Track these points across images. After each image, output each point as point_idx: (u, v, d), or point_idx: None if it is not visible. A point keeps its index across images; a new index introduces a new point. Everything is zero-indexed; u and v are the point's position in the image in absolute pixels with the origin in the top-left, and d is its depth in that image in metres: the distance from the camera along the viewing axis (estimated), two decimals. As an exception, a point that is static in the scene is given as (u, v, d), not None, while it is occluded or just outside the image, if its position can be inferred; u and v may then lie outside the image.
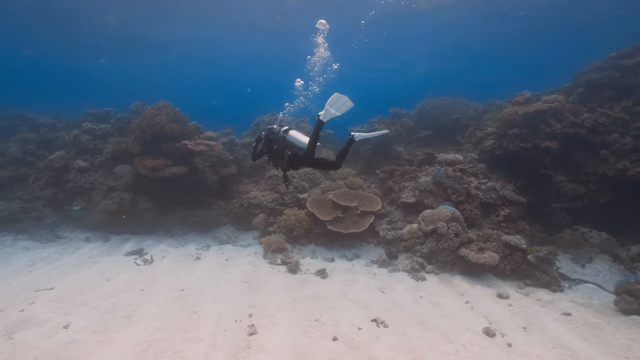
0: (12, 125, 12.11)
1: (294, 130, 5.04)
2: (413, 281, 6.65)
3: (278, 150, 5.02)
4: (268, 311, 4.98)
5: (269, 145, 5.12)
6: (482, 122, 12.15)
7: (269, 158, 5.28)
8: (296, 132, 5.03)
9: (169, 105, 9.92)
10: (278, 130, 5.05)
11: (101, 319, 4.52)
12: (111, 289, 5.64)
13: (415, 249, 7.60)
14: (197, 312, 4.89)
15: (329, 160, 5.04)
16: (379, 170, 11.28)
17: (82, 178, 9.39)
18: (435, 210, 7.73)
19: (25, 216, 9.19)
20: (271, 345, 4.01)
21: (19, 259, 7.15)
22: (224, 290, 5.72)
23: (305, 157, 4.83)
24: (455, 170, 9.09)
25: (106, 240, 8.69)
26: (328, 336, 4.33)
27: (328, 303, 5.38)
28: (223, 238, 9.10)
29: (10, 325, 4.27)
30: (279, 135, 5.02)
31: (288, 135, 4.94)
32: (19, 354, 3.67)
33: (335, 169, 6.05)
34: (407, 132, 12.86)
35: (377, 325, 4.72)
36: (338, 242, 8.53)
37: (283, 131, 5.00)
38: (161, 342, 3.99)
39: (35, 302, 5.02)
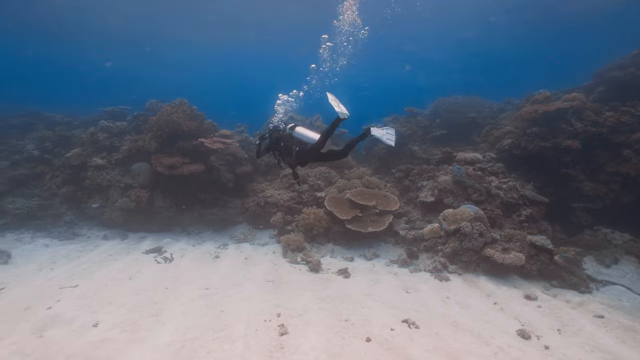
0: (29, 123, 12.13)
1: (300, 127, 5.07)
2: (437, 281, 6.54)
3: (285, 147, 5.04)
4: (296, 311, 4.91)
5: (275, 143, 5.13)
6: (499, 121, 12.00)
7: (275, 155, 5.28)
8: (303, 129, 5.05)
9: (185, 102, 9.88)
10: (283, 128, 5.09)
11: (130, 317, 4.47)
12: (135, 287, 5.60)
13: (437, 248, 7.49)
14: (224, 311, 4.83)
15: (337, 150, 5.01)
16: (395, 170, 11.18)
17: (100, 176, 9.37)
18: (457, 210, 7.61)
19: (43, 213, 9.20)
20: (306, 346, 3.93)
21: (39, 256, 7.14)
22: (248, 290, 5.65)
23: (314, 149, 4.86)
24: (475, 169, 8.97)
25: (124, 238, 8.67)
26: (361, 337, 4.25)
27: (355, 303, 5.29)
28: (240, 236, 9.05)
29: (39, 323, 4.24)
30: (284, 132, 5.06)
31: (295, 132, 4.98)
32: (52, 353, 3.62)
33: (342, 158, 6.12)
34: (422, 131, 12.74)
35: (409, 326, 4.62)
36: (356, 242, 8.45)
37: (289, 128, 5.04)
38: (194, 342, 3.93)
39: (62, 299, 4.99)
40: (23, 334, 3.95)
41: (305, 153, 4.98)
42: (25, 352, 3.60)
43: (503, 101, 13.11)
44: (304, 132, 4.98)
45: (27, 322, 4.27)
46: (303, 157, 5.04)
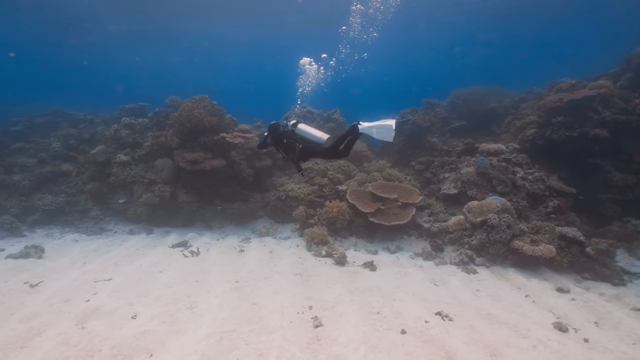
0: (53, 121, 12.38)
1: (303, 124, 5.15)
2: (464, 274, 6.48)
3: (288, 143, 5.12)
4: (328, 303, 4.92)
5: (278, 139, 5.21)
6: (520, 110, 11.75)
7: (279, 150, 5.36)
8: (306, 126, 5.14)
9: (205, 98, 9.94)
10: (285, 125, 5.19)
11: (166, 310, 4.55)
12: (167, 280, 5.69)
13: (463, 241, 7.41)
14: (256, 303, 4.87)
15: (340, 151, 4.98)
16: (415, 162, 11.09)
17: (124, 172, 9.53)
18: (483, 202, 7.51)
19: (70, 209, 9.42)
20: (343, 338, 3.94)
21: (70, 251, 7.31)
22: (278, 283, 5.69)
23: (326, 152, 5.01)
24: (499, 160, 8.83)
25: (149, 233, 8.82)
26: (395, 329, 4.24)
27: (385, 296, 5.28)
28: (262, 230, 9.11)
29: (80, 315, 4.34)
30: (287, 129, 5.16)
31: (297, 129, 5.06)
32: (96, 344, 3.70)
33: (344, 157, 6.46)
34: (441, 122, 12.58)
35: (442, 318, 4.60)
36: (379, 234, 8.43)
37: (292, 125, 5.12)
38: (231, 334, 3.98)
39: (98, 292, 5.10)
40: (67, 326, 4.05)
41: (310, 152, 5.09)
42: (71, 342, 3.69)
43: (525, 91, 12.82)
44: (307, 130, 5.06)
45: (69, 314, 4.39)
46: (307, 155, 5.16)
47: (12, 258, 6.49)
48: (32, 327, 4.02)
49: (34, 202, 9.24)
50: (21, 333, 3.87)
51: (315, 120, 12.98)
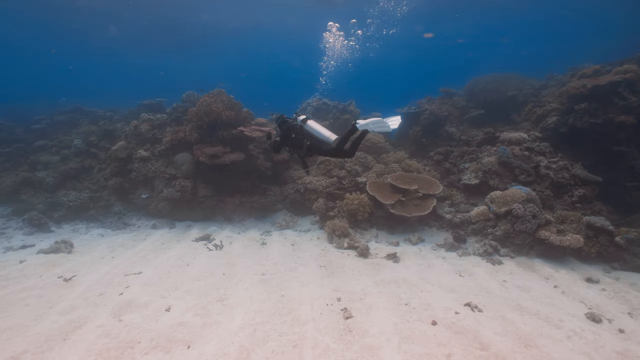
0: (73, 118, 12.61)
1: (312, 121, 5.17)
2: (489, 265, 6.43)
3: (296, 139, 5.16)
4: (356, 295, 4.95)
5: (286, 134, 5.25)
6: (541, 98, 11.49)
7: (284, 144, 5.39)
8: (315, 123, 5.17)
9: (222, 92, 9.97)
10: (294, 119, 5.23)
11: (198, 302, 4.63)
12: (195, 273, 5.79)
13: (487, 231, 7.35)
14: (285, 295, 4.93)
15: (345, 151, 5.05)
16: (433, 152, 10.98)
17: (145, 167, 9.66)
18: (507, 192, 7.41)
19: (94, 205, 9.61)
20: (375, 329, 3.96)
21: (97, 246, 7.47)
22: (304, 275, 5.74)
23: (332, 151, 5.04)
24: (521, 149, 8.68)
25: (172, 227, 8.96)
26: (425, 320, 4.25)
27: (412, 287, 5.28)
28: (282, 223, 9.16)
29: (116, 308, 4.45)
30: (295, 124, 5.20)
31: (306, 125, 5.10)
32: (135, 335, 3.80)
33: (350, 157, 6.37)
34: (458, 112, 12.40)
35: (472, 309, 4.58)
36: (399, 226, 8.40)
37: (301, 121, 5.14)
38: (264, 325, 4.04)
39: (130, 286, 5.22)
40: (105, 318, 4.16)
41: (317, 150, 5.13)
42: (112, 334, 3.80)
43: (545, 77, 12.53)
44: (316, 128, 5.10)
45: (105, 307, 4.50)
46: (314, 153, 5.20)
47: (44, 253, 6.67)
48: (72, 319, 4.14)
49: (60, 199, 9.45)
50: (62, 325, 3.99)
51: (331, 112, 12.92)
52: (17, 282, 5.31)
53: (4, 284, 5.27)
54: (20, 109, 15.18)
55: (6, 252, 7.01)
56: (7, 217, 9.43)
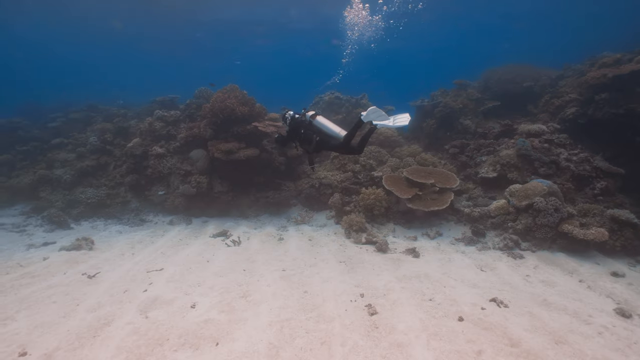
0: (88, 116, 12.71)
1: (321, 117, 5.23)
2: (511, 259, 6.35)
3: (305, 134, 5.20)
4: (379, 291, 4.92)
5: (295, 130, 5.29)
6: (559, 88, 11.25)
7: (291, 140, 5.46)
8: (324, 119, 5.23)
9: (236, 88, 9.95)
10: (302, 114, 5.28)
11: (222, 299, 4.65)
12: (216, 269, 5.81)
13: (507, 225, 7.24)
14: (307, 292, 4.92)
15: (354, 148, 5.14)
16: (448, 145, 10.84)
17: (160, 164, 9.71)
18: (528, 185, 7.29)
19: (111, 202, 9.70)
20: (402, 326, 3.94)
21: (117, 242, 7.55)
22: (324, 271, 5.72)
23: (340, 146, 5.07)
24: (541, 141, 8.52)
25: (189, 223, 9.01)
26: (451, 316, 4.21)
27: (435, 283, 5.24)
28: (298, 219, 9.16)
29: (142, 305, 4.49)
30: (304, 120, 5.25)
31: (315, 121, 5.16)
32: (163, 332, 3.82)
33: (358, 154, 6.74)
34: (473, 104, 12.20)
35: (498, 305, 4.53)
36: (416, 220, 8.34)
37: (310, 116, 5.20)
38: (290, 322, 4.04)
39: (153, 282, 5.25)
40: (132, 315, 4.20)
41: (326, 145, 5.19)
42: (140, 331, 3.83)
43: (562, 67, 12.25)
44: (324, 123, 5.16)
45: (130, 303, 4.54)
46: (322, 148, 5.26)
47: (66, 250, 6.76)
48: (99, 316, 4.18)
49: (77, 196, 9.56)
50: (91, 323, 4.04)
51: (344, 105, 12.82)
52: (43, 280, 5.39)
53: (30, 281, 5.34)
54: (35, 106, 15.36)
55: (29, 249, 7.11)
56: (27, 215, 9.57)
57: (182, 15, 29.54)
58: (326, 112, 12.62)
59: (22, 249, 7.09)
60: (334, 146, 5.19)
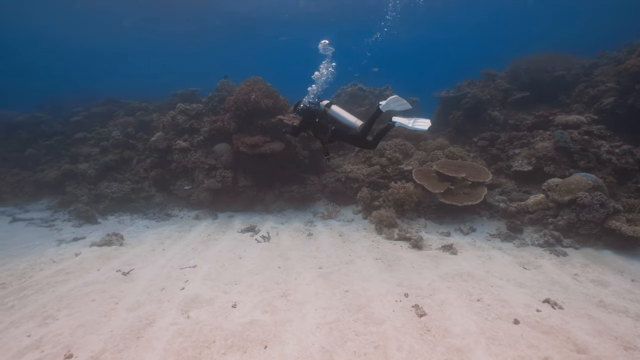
0: (109, 110, 12.69)
1: (336, 106, 5.17)
2: (554, 257, 6.08)
3: (321, 124, 5.13)
4: (423, 291, 4.72)
5: (310, 118, 5.19)
6: (594, 77, 10.76)
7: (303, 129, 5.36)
8: (339, 108, 5.17)
9: (260, 80, 9.76)
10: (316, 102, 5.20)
11: (263, 298, 4.51)
12: (250, 266, 5.68)
13: (547, 221, 6.95)
14: (348, 291, 4.75)
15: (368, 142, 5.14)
16: (477, 138, 10.50)
17: (185, 158, 9.61)
18: (570, 179, 6.96)
19: (136, 196, 9.66)
20: (458, 329, 3.74)
21: (145, 237, 7.48)
22: (362, 269, 5.55)
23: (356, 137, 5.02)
24: (580, 133, 8.15)
25: (215, 218, 8.91)
26: (505, 318, 3.99)
27: (480, 282, 5.02)
28: (324, 213, 8.99)
29: (182, 304, 4.37)
30: (320, 108, 5.16)
31: (330, 110, 5.10)
32: (207, 334, 3.70)
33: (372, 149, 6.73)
34: (501, 95, 11.79)
35: (552, 306, 4.29)
36: (447, 216, 8.10)
37: (325, 105, 5.13)
38: (337, 324, 3.87)
39: (189, 280, 5.15)
40: (173, 315, 4.09)
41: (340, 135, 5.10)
42: (185, 333, 3.71)
43: (596, 55, 11.72)
44: (340, 113, 5.11)
45: (170, 302, 4.43)
46: (337, 138, 5.17)
47: (97, 246, 6.71)
48: (140, 316, 4.08)
49: (103, 190, 9.55)
50: (133, 323, 3.94)
51: (367, 97, 12.51)
52: (78, 277, 5.33)
53: (65, 278, 5.29)
54: (55, 100, 15.41)
55: (60, 244, 7.10)
56: (54, 209, 9.61)
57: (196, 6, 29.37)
58: (349, 104, 12.34)
59: (53, 244, 7.09)
60: (349, 137, 5.13)
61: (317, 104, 5.28)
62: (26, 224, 8.52)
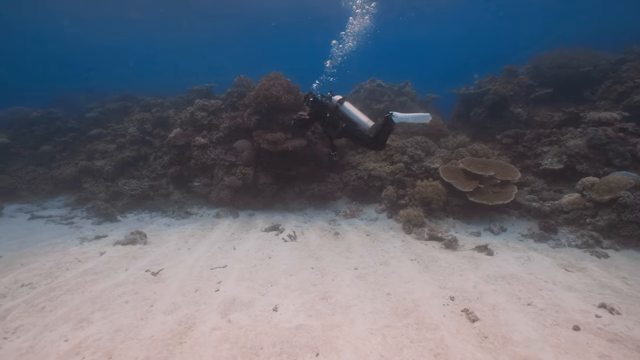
0: (124, 106, 12.52)
1: (348, 103, 5.13)
2: (595, 258, 5.84)
3: (332, 119, 5.10)
4: (469, 294, 4.51)
5: (320, 113, 5.18)
6: (622, 73, 10.47)
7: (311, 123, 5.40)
8: (350, 105, 5.14)
9: (280, 75, 9.54)
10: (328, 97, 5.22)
11: (304, 301, 4.31)
12: (283, 267, 5.49)
13: (584, 221, 6.71)
14: (390, 294, 4.54)
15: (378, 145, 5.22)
16: (501, 135, 10.25)
17: (204, 155, 9.43)
18: (609, 177, 6.72)
19: (154, 193, 9.49)
20: (518, 336, 3.52)
21: (168, 236, 7.31)
22: (400, 270, 5.34)
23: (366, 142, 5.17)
24: (615, 130, 7.88)
25: (236, 216, 8.74)
26: (564, 325, 3.77)
27: (527, 285, 4.80)
28: (347, 212, 8.79)
29: (221, 307, 4.18)
30: (330, 103, 5.17)
31: (342, 107, 5.08)
32: (254, 340, 3.50)
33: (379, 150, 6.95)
34: (524, 91, 11.52)
35: (610, 312, 4.06)
36: (475, 215, 7.89)
37: (337, 101, 5.10)
38: (389, 330, 3.67)
39: (222, 281, 4.96)
40: (214, 319, 3.90)
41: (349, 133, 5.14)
42: (230, 338, 3.52)
43: (623, 51, 11.42)
44: (351, 110, 5.11)
45: (207, 305, 4.25)
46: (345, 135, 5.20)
47: (121, 244, 6.55)
48: (179, 320, 3.90)
49: (121, 187, 9.39)
50: (173, 327, 3.75)
51: (386, 94, 12.27)
52: (107, 277, 5.15)
53: (93, 278, 5.12)
54: (67, 96, 15.29)
55: (82, 242, 6.94)
56: (71, 206, 9.47)
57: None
58: (368, 100, 12.12)
59: (75, 243, 6.92)
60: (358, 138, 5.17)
61: (328, 98, 5.24)
62: (45, 222, 8.37)
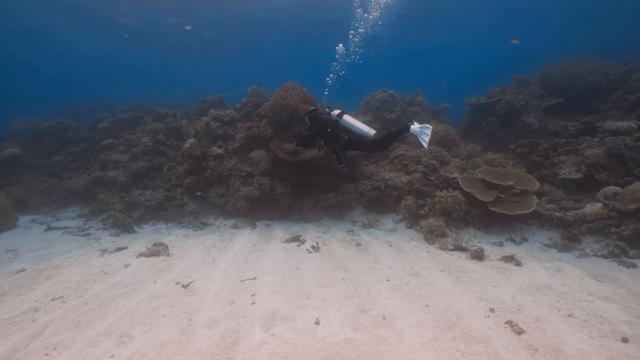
0: (136, 116, 12.52)
1: (348, 115, 5.23)
2: (623, 268, 5.84)
3: (333, 133, 5.21)
4: (508, 305, 4.47)
5: (321, 128, 5.26)
6: (632, 83, 10.62)
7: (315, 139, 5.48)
8: (351, 118, 5.24)
9: (297, 85, 9.60)
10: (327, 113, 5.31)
11: (345, 314, 4.26)
12: (314, 279, 5.43)
13: (609, 231, 6.72)
14: (429, 306, 4.50)
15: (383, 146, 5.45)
16: (515, 145, 10.30)
17: (220, 165, 9.41)
18: (634, 187, 6.74)
19: (169, 204, 9.44)
20: (570, 349, 3.49)
21: (189, 248, 7.24)
22: (434, 281, 5.30)
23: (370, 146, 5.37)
24: (633, 139, 7.95)
25: (253, 227, 8.68)
26: (610, 337, 3.74)
27: (563, 295, 4.77)
28: (364, 222, 8.76)
29: (262, 320, 4.12)
30: (329, 118, 5.27)
31: (342, 120, 5.18)
32: (304, 354, 3.44)
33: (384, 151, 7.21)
34: (536, 101, 11.63)
35: (653, 323, 4.05)
36: (495, 225, 7.89)
37: (336, 115, 5.20)
38: (438, 343, 3.63)
39: (256, 294, 4.90)
40: (259, 333, 3.84)
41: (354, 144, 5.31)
42: (279, 353, 3.46)
43: (633, 61, 11.59)
44: (352, 122, 5.20)
45: (245, 318, 4.19)
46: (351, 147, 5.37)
47: (145, 256, 6.47)
48: (223, 334, 3.83)
49: (136, 198, 9.33)
50: (218, 342, 3.69)
51: (398, 104, 12.34)
52: (138, 290, 5.08)
53: (124, 291, 5.05)
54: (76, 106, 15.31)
55: (103, 254, 6.86)
56: (86, 217, 9.39)
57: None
58: (380, 110, 12.18)
59: (96, 255, 6.84)
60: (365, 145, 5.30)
61: (327, 114, 5.38)
62: (62, 233, 8.29)
